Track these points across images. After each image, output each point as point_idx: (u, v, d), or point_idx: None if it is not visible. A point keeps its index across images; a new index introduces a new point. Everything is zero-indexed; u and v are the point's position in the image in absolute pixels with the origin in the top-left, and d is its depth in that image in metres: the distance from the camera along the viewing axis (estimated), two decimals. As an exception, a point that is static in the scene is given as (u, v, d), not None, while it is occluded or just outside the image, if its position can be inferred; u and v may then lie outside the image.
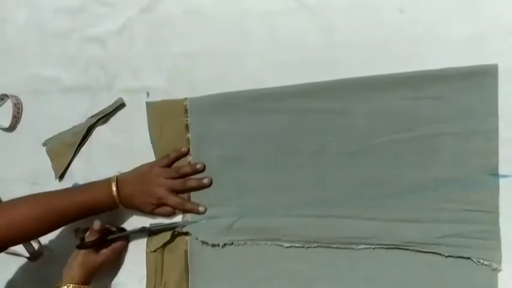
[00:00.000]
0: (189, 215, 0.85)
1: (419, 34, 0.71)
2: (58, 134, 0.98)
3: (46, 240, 0.95)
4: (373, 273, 0.73)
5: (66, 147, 0.96)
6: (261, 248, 0.80)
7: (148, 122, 0.89)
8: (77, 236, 0.90)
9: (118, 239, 0.88)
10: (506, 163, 0.66)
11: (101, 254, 0.86)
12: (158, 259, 0.86)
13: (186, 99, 0.85)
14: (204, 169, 0.84)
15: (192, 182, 0.84)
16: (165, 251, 0.86)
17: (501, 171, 0.66)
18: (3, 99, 1.04)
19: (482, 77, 0.67)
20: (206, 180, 0.83)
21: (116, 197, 0.82)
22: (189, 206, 0.84)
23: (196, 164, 0.84)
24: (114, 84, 0.93)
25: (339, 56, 0.76)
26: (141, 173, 0.85)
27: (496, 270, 0.66)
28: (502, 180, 0.66)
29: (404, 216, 0.71)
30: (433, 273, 0.69)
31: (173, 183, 0.84)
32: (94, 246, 0.85)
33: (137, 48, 0.91)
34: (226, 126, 0.82)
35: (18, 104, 1.02)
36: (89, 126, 0.94)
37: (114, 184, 0.82)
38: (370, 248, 0.73)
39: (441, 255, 0.69)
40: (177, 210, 0.85)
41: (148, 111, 0.89)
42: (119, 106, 0.92)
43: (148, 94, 0.90)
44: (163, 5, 0.88)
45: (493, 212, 0.66)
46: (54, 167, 0.98)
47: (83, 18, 0.96)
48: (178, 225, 0.84)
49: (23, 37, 1.02)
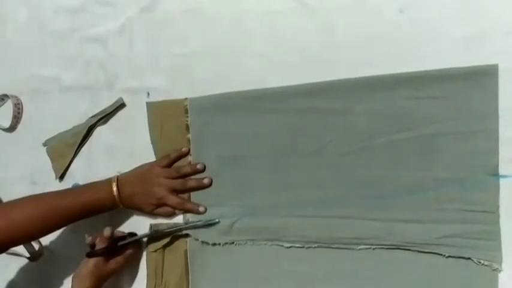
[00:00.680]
0: (190, 215, 0.84)
1: (419, 34, 0.71)
2: (58, 134, 0.98)
3: (46, 240, 0.94)
4: (374, 273, 0.73)
5: (67, 148, 0.96)
6: (261, 248, 0.80)
7: (149, 122, 0.89)
8: (86, 243, 0.85)
9: (130, 244, 0.85)
10: (506, 163, 0.66)
11: (113, 261, 0.84)
12: (158, 259, 0.86)
13: (186, 99, 0.85)
14: (204, 169, 0.84)
15: (192, 182, 0.84)
16: (165, 251, 0.86)
17: (501, 172, 0.66)
18: (3, 100, 1.04)
19: (483, 77, 0.67)
20: (206, 180, 0.83)
21: (117, 197, 0.82)
22: (189, 206, 0.84)
23: (196, 164, 0.84)
24: (115, 84, 0.93)
25: (339, 56, 0.76)
26: (142, 173, 0.85)
27: (497, 270, 0.66)
28: (502, 180, 0.66)
29: (405, 216, 0.71)
30: (433, 274, 0.69)
31: (173, 183, 0.84)
32: (105, 254, 0.82)
33: (137, 48, 0.91)
34: (226, 126, 0.82)
35: (18, 104, 1.02)
36: (89, 126, 0.94)
37: (114, 184, 0.82)
38: (370, 248, 0.73)
39: (441, 255, 0.69)
40: (177, 211, 0.85)
41: (148, 111, 0.89)
42: (119, 106, 0.92)
43: (148, 94, 0.90)
44: (163, 5, 0.88)
45: (493, 212, 0.66)
46: (54, 167, 0.98)
47: (83, 18, 0.96)
48: (189, 226, 0.83)
49: (23, 37, 1.02)
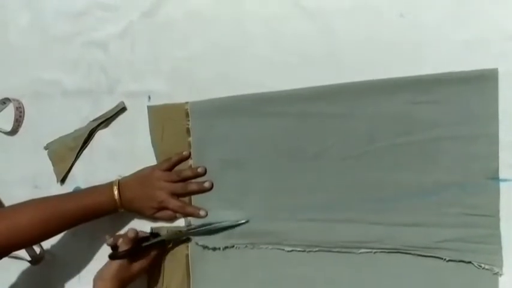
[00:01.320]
0: (192, 219, 0.84)
1: (419, 38, 0.71)
2: (60, 137, 0.98)
3: (47, 244, 0.94)
4: (374, 277, 0.73)
5: (68, 151, 0.96)
6: (262, 251, 0.80)
7: (150, 125, 0.89)
8: (107, 244, 0.83)
9: (153, 246, 0.83)
10: (506, 167, 0.66)
11: (137, 264, 0.81)
12: (159, 263, 0.86)
13: (187, 103, 0.85)
14: (205, 173, 0.84)
15: (193, 185, 0.84)
16: (166, 255, 0.86)
17: (502, 175, 0.66)
18: (5, 103, 1.04)
19: (483, 81, 0.67)
20: (207, 184, 0.83)
21: (118, 200, 0.82)
22: (190, 209, 0.84)
23: (197, 167, 0.84)
24: (116, 88, 0.93)
25: (340, 59, 0.76)
26: (142, 176, 0.85)
27: (497, 274, 0.66)
28: (502, 184, 0.66)
29: (405, 220, 0.71)
30: (434, 278, 0.69)
31: (174, 186, 0.84)
32: (128, 257, 0.80)
33: (139, 52, 0.91)
34: (227, 130, 0.82)
35: (20, 107, 1.02)
36: (91, 129, 0.94)
37: (115, 188, 0.83)
38: (371, 252, 0.73)
39: (442, 259, 0.69)
40: (178, 214, 0.85)
41: (149, 115, 0.89)
42: (121, 110, 0.92)
43: (149, 98, 0.90)
44: (164, 9, 0.89)
45: (493, 216, 0.66)
46: (55, 171, 0.98)
47: (85, 22, 0.96)
48: (216, 227, 0.81)
49: (25, 41, 1.02)
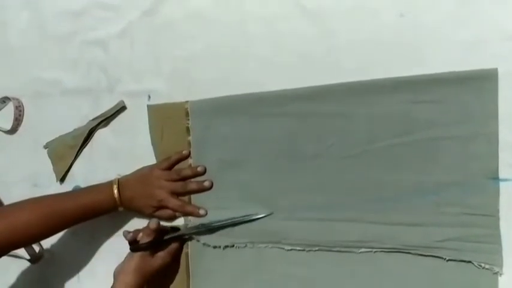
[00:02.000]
0: (193, 218, 0.84)
1: (419, 38, 0.71)
2: (59, 136, 0.98)
3: (47, 242, 0.95)
4: (374, 276, 0.73)
5: (68, 150, 0.96)
6: (261, 251, 0.80)
7: (150, 124, 0.89)
8: (126, 237, 0.82)
9: (174, 239, 0.82)
10: (506, 167, 0.66)
11: (158, 257, 0.80)
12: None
13: (187, 102, 0.85)
14: (204, 172, 0.84)
15: (192, 184, 0.84)
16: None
17: (501, 175, 0.66)
18: (4, 102, 1.04)
19: (483, 81, 0.67)
20: (207, 183, 0.83)
21: (117, 199, 0.82)
22: (189, 208, 0.84)
23: (197, 166, 0.84)
24: (116, 87, 0.93)
25: (340, 59, 0.76)
26: (142, 175, 0.86)
27: (497, 274, 0.66)
28: (502, 184, 0.66)
29: (405, 219, 0.71)
30: (434, 277, 0.69)
31: (174, 185, 0.84)
32: (150, 249, 0.79)
33: (138, 52, 0.91)
34: (227, 130, 0.82)
35: (19, 106, 1.02)
36: (90, 129, 0.94)
37: (115, 186, 0.83)
38: (371, 251, 0.73)
39: (442, 258, 0.69)
40: (178, 213, 0.85)
41: (149, 114, 0.89)
42: (120, 109, 0.92)
43: (149, 97, 0.90)
44: (164, 8, 0.89)
45: (493, 215, 0.66)
46: (55, 170, 0.98)
47: (85, 21, 0.96)
48: (238, 221, 0.80)
49: (24, 40, 1.02)
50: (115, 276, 0.79)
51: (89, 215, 0.83)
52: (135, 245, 0.79)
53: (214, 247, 0.82)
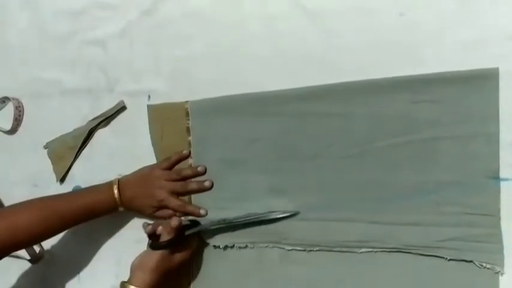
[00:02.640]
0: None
1: (419, 38, 0.71)
2: (59, 136, 0.98)
3: (47, 243, 0.94)
4: (375, 276, 0.73)
5: (67, 150, 0.96)
6: (262, 250, 0.80)
7: (150, 124, 0.89)
8: (145, 229, 0.80)
9: (193, 235, 0.80)
10: (507, 166, 0.66)
11: (178, 254, 0.78)
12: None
13: (187, 102, 0.85)
14: (205, 172, 0.84)
15: (193, 184, 0.84)
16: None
17: (502, 175, 0.66)
18: (4, 102, 1.04)
19: (483, 81, 0.67)
20: (207, 183, 0.83)
21: (118, 199, 0.82)
22: (189, 208, 0.84)
23: (197, 166, 0.84)
24: (115, 87, 0.93)
25: (340, 59, 0.76)
26: (142, 175, 0.85)
27: (498, 273, 0.66)
28: (503, 183, 0.66)
29: (406, 219, 0.71)
30: (435, 277, 0.69)
31: (174, 185, 0.84)
32: (170, 247, 0.76)
33: (138, 51, 0.91)
34: (227, 129, 0.82)
35: (19, 106, 1.02)
36: (90, 129, 0.94)
37: (115, 187, 0.83)
38: (372, 251, 0.73)
39: (443, 258, 0.69)
40: (178, 213, 0.85)
41: (149, 114, 0.89)
42: (120, 109, 0.92)
43: (149, 97, 0.90)
44: (164, 8, 0.88)
45: (494, 215, 0.66)
46: (55, 170, 0.98)
47: (84, 21, 0.96)
48: (262, 217, 0.78)
49: (24, 40, 1.02)
50: (132, 270, 0.77)
51: (90, 216, 0.83)
52: (155, 243, 0.77)
53: (215, 247, 0.82)
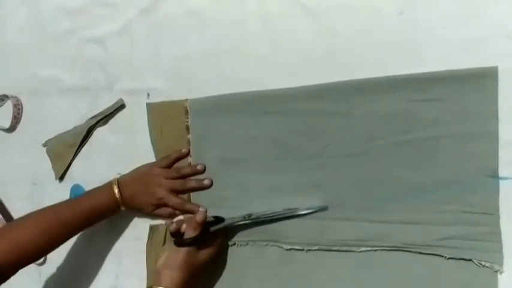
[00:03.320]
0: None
1: (419, 36, 0.71)
2: (58, 134, 0.98)
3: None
4: (375, 275, 0.73)
5: (67, 148, 0.96)
6: (261, 249, 0.80)
7: (149, 123, 0.89)
8: (169, 228, 0.78)
9: (219, 231, 0.78)
10: (506, 165, 0.66)
11: (205, 251, 0.76)
12: (158, 259, 0.86)
13: (186, 100, 0.85)
14: (204, 170, 0.84)
15: (192, 182, 0.84)
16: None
17: (501, 174, 0.66)
18: (3, 100, 1.04)
19: (483, 80, 0.67)
20: (207, 181, 0.83)
21: (119, 199, 0.82)
22: (189, 206, 0.84)
23: (196, 165, 0.84)
24: (115, 85, 0.93)
25: (339, 58, 0.76)
26: (142, 173, 0.86)
27: (497, 272, 0.66)
28: (502, 182, 0.66)
29: (405, 218, 0.71)
30: (434, 275, 0.69)
31: (173, 183, 0.84)
32: (196, 243, 0.74)
33: (137, 49, 0.91)
34: (226, 128, 0.82)
35: (18, 104, 1.02)
36: (89, 127, 0.94)
37: (115, 186, 0.83)
38: (371, 250, 0.73)
39: (442, 257, 0.69)
40: (177, 211, 0.85)
41: (148, 112, 0.89)
42: (119, 107, 0.92)
43: (148, 95, 0.90)
44: (163, 6, 0.88)
45: (493, 214, 0.66)
46: (54, 168, 0.98)
47: (83, 19, 0.96)
48: (289, 214, 0.76)
49: (23, 38, 1.02)
50: (159, 271, 0.75)
51: (93, 219, 0.83)
52: (180, 240, 0.75)
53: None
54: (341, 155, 0.75)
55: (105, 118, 0.94)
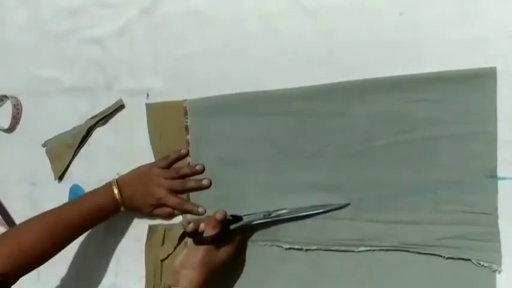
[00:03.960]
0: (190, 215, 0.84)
1: (418, 37, 0.71)
2: (58, 135, 0.98)
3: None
4: (373, 275, 0.73)
5: (66, 148, 0.97)
6: (260, 249, 0.80)
7: (148, 123, 0.89)
8: (186, 228, 0.76)
9: (237, 229, 0.76)
10: (504, 165, 0.66)
11: (224, 250, 0.74)
12: (157, 259, 0.86)
13: (185, 100, 0.85)
14: (203, 170, 0.84)
15: (191, 182, 0.84)
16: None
17: (500, 174, 0.66)
18: (2, 100, 1.04)
19: (481, 80, 0.67)
20: (206, 182, 0.83)
21: (119, 199, 0.82)
22: (188, 206, 0.84)
23: (195, 165, 0.84)
24: (114, 85, 0.93)
25: (339, 58, 0.76)
26: (141, 173, 0.86)
27: (496, 271, 0.66)
28: (500, 182, 0.66)
29: (404, 218, 0.71)
30: (433, 275, 0.69)
31: (172, 183, 0.84)
32: (216, 241, 0.73)
33: (137, 50, 0.91)
34: (225, 128, 0.82)
35: (17, 105, 1.02)
36: (89, 127, 0.94)
37: (115, 187, 0.83)
38: (370, 250, 0.73)
39: (441, 256, 0.69)
40: (176, 211, 0.85)
41: (148, 113, 0.89)
42: (119, 107, 0.92)
43: (148, 95, 0.90)
44: (163, 6, 0.89)
45: (492, 213, 0.66)
46: (53, 168, 0.98)
47: (83, 19, 0.96)
48: (310, 211, 0.75)
49: (22, 38, 1.02)
50: (177, 270, 0.73)
51: (94, 221, 0.83)
52: (199, 238, 0.73)
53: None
54: (340, 155, 0.75)
55: (104, 118, 0.94)
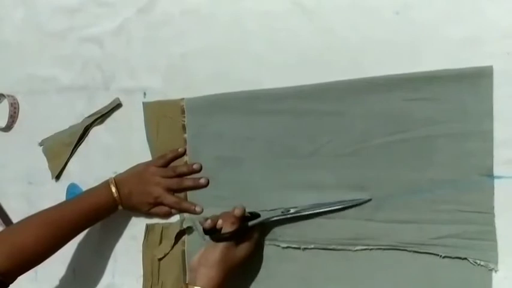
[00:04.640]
0: (187, 214, 0.85)
1: (415, 36, 0.71)
2: (55, 134, 0.98)
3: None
4: (370, 274, 0.73)
5: (63, 147, 0.96)
6: (258, 247, 0.79)
7: (145, 122, 0.89)
8: (204, 225, 0.74)
9: (255, 226, 0.75)
10: (501, 164, 0.66)
11: (242, 247, 0.73)
12: (155, 259, 0.87)
13: (182, 99, 0.85)
14: (200, 169, 0.84)
15: (188, 181, 0.84)
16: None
17: (496, 173, 0.66)
18: (-1, 99, 1.04)
19: (478, 79, 0.67)
20: (203, 180, 0.83)
21: (117, 197, 0.82)
22: (185, 205, 0.84)
23: (193, 164, 0.84)
24: (111, 84, 0.93)
25: (336, 57, 0.76)
26: (138, 172, 0.86)
27: (492, 270, 0.66)
28: (496, 181, 0.67)
29: (401, 217, 0.71)
30: (429, 274, 0.70)
31: (170, 182, 0.84)
32: (234, 238, 0.71)
33: (134, 49, 0.91)
34: (223, 127, 0.82)
35: (14, 103, 1.02)
36: (86, 126, 0.94)
37: (113, 186, 0.83)
38: (367, 249, 0.73)
39: (438, 255, 0.69)
40: (174, 210, 0.85)
41: (145, 112, 0.89)
42: (116, 106, 0.92)
43: (145, 94, 0.90)
44: (160, 5, 0.88)
45: (488, 212, 0.66)
46: (50, 167, 0.98)
47: (80, 18, 0.96)
48: (330, 207, 0.74)
49: (20, 37, 1.02)
50: (194, 268, 0.72)
51: (92, 220, 0.83)
52: (218, 235, 0.71)
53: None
54: (337, 154, 0.75)
55: (101, 117, 0.94)
